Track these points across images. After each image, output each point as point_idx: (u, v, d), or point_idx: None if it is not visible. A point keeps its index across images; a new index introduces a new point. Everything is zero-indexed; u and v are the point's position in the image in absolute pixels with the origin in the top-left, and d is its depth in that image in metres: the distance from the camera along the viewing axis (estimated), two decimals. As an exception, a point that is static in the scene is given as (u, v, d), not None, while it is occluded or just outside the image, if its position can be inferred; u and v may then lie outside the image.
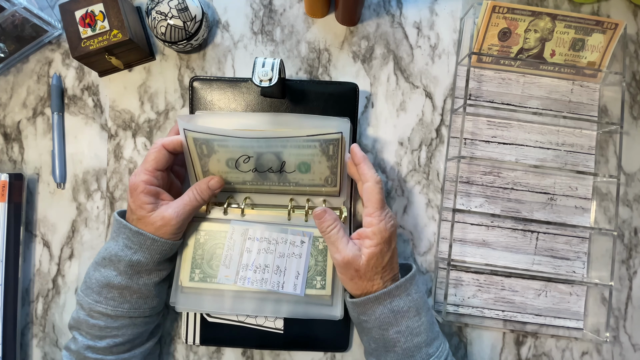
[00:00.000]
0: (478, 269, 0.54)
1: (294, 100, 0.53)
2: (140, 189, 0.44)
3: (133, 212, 0.44)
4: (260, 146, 0.45)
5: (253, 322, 0.51)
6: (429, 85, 0.56)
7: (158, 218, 0.44)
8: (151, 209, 0.44)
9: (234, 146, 0.45)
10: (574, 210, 0.55)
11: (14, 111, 0.56)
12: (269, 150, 0.46)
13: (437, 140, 0.56)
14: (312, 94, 0.53)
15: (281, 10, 0.57)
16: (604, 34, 0.53)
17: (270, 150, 0.46)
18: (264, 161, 0.47)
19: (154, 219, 0.44)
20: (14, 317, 0.52)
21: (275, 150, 0.46)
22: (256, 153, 0.46)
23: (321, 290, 0.48)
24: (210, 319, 0.51)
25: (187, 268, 0.48)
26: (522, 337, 0.54)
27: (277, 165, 0.47)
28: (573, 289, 0.54)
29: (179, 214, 0.44)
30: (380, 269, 0.43)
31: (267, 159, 0.46)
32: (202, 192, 0.47)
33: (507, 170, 0.55)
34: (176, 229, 0.45)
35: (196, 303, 0.48)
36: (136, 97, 0.56)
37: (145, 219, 0.44)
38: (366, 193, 0.44)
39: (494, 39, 0.54)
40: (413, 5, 0.57)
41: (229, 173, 0.48)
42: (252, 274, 0.48)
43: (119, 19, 0.50)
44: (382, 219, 0.43)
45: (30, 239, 0.55)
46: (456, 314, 0.53)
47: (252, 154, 0.46)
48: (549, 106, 0.56)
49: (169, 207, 0.44)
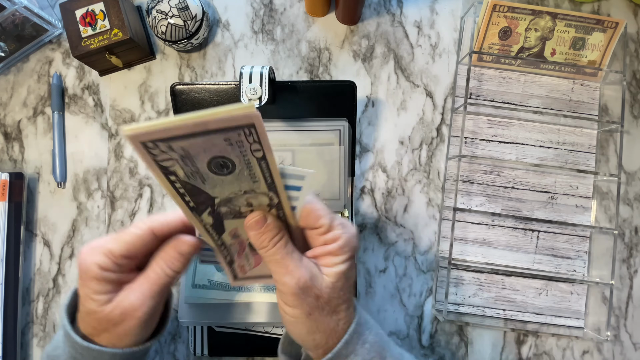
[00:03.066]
0: (479, 268, 0.54)
1: (288, 103, 0.49)
2: (91, 274, 0.30)
3: (80, 302, 0.31)
4: None
5: (261, 330, 0.51)
6: (430, 84, 0.56)
7: (116, 313, 0.30)
8: (105, 301, 0.30)
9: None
10: (574, 209, 0.55)
11: (14, 110, 0.56)
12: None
13: (437, 139, 0.56)
14: (307, 95, 0.49)
15: (281, 9, 0.57)
16: (604, 33, 0.53)
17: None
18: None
19: (111, 315, 0.30)
20: (14, 317, 0.52)
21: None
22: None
23: None
24: (218, 328, 0.51)
25: (189, 280, 0.47)
26: (523, 336, 0.54)
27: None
28: (574, 288, 0.54)
29: (145, 299, 0.31)
30: (348, 294, 0.32)
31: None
32: (171, 263, 0.32)
33: (507, 169, 0.55)
34: (143, 322, 0.31)
35: (203, 315, 0.47)
36: (137, 96, 0.56)
37: (96, 314, 0.30)
38: (305, 211, 0.31)
39: (494, 38, 0.54)
40: (413, 4, 0.57)
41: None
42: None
43: (119, 18, 0.50)
44: (344, 225, 0.32)
45: (31, 239, 0.55)
46: (457, 313, 0.53)
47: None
48: (549, 105, 0.56)
49: (130, 292, 0.31)
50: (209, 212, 0.30)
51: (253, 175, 0.28)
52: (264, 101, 0.44)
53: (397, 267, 0.54)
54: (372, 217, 0.54)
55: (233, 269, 0.36)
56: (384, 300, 0.54)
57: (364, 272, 0.54)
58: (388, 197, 0.55)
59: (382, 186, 0.55)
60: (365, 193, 0.55)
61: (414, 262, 0.54)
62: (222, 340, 0.51)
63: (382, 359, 0.33)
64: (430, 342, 0.53)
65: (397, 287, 0.54)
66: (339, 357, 0.32)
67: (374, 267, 0.54)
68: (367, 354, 0.32)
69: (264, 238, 0.31)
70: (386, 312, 0.53)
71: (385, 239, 0.54)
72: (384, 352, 0.34)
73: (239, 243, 0.34)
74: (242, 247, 0.35)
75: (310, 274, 0.31)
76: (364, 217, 0.54)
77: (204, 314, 0.47)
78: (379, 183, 0.55)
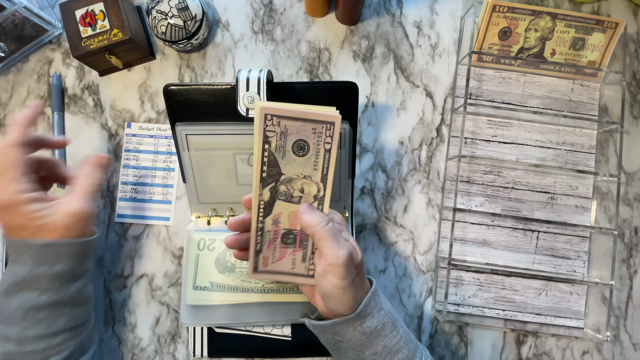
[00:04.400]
0: (478, 268, 0.54)
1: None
2: (21, 201, 0.37)
3: (25, 228, 0.38)
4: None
5: (260, 331, 0.51)
6: (430, 84, 0.56)
7: (65, 216, 0.39)
8: (45, 214, 0.38)
9: (235, 148, 0.45)
10: (574, 209, 0.55)
11: (14, 110, 0.56)
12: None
13: (437, 139, 0.56)
14: (308, 96, 0.48)
15: (281, 9, 0.57)
16: (604, 33, 0.53)
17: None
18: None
19: (59, 221, 0.39)
20: (14, 317, 0.52)
21: None
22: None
23: None
24: (218, 329, 0.51)
25: (190, 282, 0.47)
26: (523, 337, 0.54)
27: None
28: (573, 288, 0.54)
29: (89, 203, 0.41)
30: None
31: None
32: (93, 177, 0.42)
33: (507, 169, 0.55)
34: (90, 219, 0.41)
35: (204, 317, 0.47)
36: (136, 96, 0.56)
37: (49, 225, 0.38)
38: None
39: (494, 38, 0.54)
40: (413, 4, 0.57)
41: (228, 185, 0.47)
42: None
43: (119, 18, 0.50)
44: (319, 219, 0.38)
45: (31, 239, 0.55)
46: (457, 313, 0.53)
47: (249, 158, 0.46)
48: (549, 105, 0.56)
49: (71, 201, 0.40)
50: (270, 188, 0.38)
51: (316, 163, 0.38)
52: None
53: (396, 267, 0.54)
54: (372, 217, 0.54)
55: (257, 260, 0.41)
56: (383, 300, 0.54)
57: (363, 273, 0.54)
58: (388, 197, 0.55)
59: (381, 186, 0.55)
60: (365, 193, 0.55)
61: (414, 263, 0.54)
62: (221, 341, 0.51)
63: (394, 327, 0.39)
64: (430, 342, 0.53)
65: (397, 287, 0.54)
66: (365, 312, 0.38)
67: (373, 267, 0.54)
68: (382, 318, 0.39)
69: (318, 218, 0.37)
70: (386, 312, 0.53)
71: (385, 239, 0.54)
72: (396, 322, 0.40)
73: (275, 232, 0.40)
74: (275, 236, 0.40)
75: (353, 248, 0.38)
76: (364, 217, 0.54)
77: (205, 315, 0.47)
78: (378, 183, 0.55)
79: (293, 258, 0.42)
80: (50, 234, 0.38)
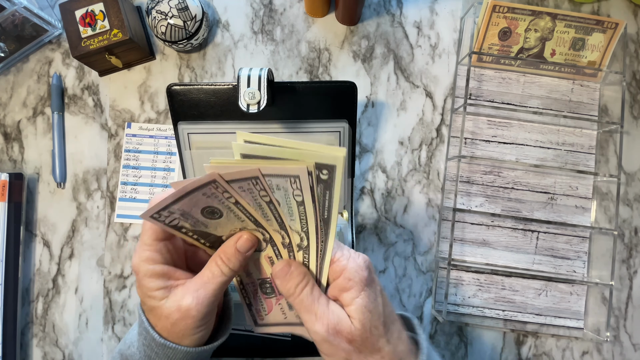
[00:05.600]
0: (478, 269, 0.54)
1: (287, 105, 0.47)
2: (142, 273, 0.31)
3: (143, 302, 0.33)
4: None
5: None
6: (429, 84, 0.56)
7: (173, 309, 0.31)
8: (162, 295, 0.31)
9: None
10: (574, 209, 0.55)
11: (14, 111, 0.56)
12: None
13: (437, 139, 0.56)
14: (307, 96, 0.47)
15: (281, 9, 0.57)
16: (604, 34, 0.53)
17: None
18: None
19: (168, 311, 0.31)
20: (14, 317, 0.52)
21: None
22: None
23: None
24: None
25: None
26: (523, 337, 0.54)
27: None
28: (573, 289, 0.54)
29: (200, 299, 0.31)
30: (382, 327, 0.30)
31: None
32: (229, 260, 0.32)
33: (507, 169, 0.55)
34: (199, 321, 0.31)
35: None
36: (136, 96, 0.56)
37: (157, 310, 0.31)
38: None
39: (494, 39, 0.54)
40: (413, 4, 0.57)
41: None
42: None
43: (119, 19, 0.50)
44: (347, 256, 0.31)
45: (31, 239, 0.55)
46: (456, 314, 0.53)
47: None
48: (549, 106, 0.56)
49: (186, 291, 0.31)
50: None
51: (238, 216, 0.32)
52: (263, 105, 0.43)
53: (396, 267, 0.54)
54: (371, 217, 0.54)
55: (252, 314, 0.38)
56: (383, 300, 0.54)
57: (363, 273, 0.54)
58: (388, 197, 0.55)
59: (381, 187, 0.55)
60: (365, 193, 0.55)
61: (414, 263, 0.54)
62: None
63: None
64: (430, 342, 0.53)
65: (397, 287, 0.54)
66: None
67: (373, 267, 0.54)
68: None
69: (290, 285, 0.31)
70: (386, 312, 0.53)
71: (385, 240, 0.54)
72: None
73: (252, 283, 0.36)
74: (254, 288, 0.36)
75: (338, 319, 0.30)
76: (364, 217, 0.54)
77: None
78: (378, 183, 0.55)
79: (280, 307, 0.38)
80: (158, 320, 0.32)
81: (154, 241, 0.32)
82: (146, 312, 0.33)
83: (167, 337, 0.32)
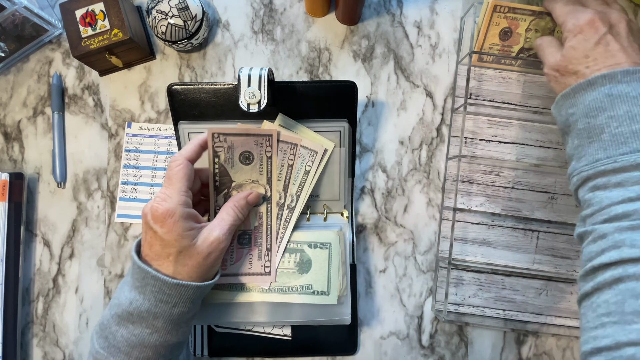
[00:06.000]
0: (479, 268, 0.54)
1: (287, 104, 0.48)
2: (178, 214, 0.37)
3: (170, 245, 0.37)
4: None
5: (261, 330, 0.51)
6: (430, 84, 0.56)
7: (206, 244, 0.38)
8: (194, 235, 0.38)
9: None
10: (574, 209, 0.55)
11: (14, 110, 0.56)
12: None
13: (437, 139, 0.56)
14: (307, 96, 0.48)
15: (281, 9, 0.57)
16: (604, 33, 0.53)
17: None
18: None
19: (201, 247, 0.37)
20: (14, 317, 0.52)
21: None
22: None
23: (324, 297, 0.47)
24: (218, 329, 0.51)
25: None
26: (523, 336, 0.54)
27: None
28: (574, 288, 0.54)
29: (224, 232, 0.39)
30: (583, 59, 0.37)
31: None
32: (241, 208, 0.42)
33: (507, 169, 0.55)
34: (222, 253, 0.39)
35: (204, 316, 0.47)
36: (137, 96, 0.56)
37: (190, 249, 0.37)
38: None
39: (494, 39, 0.54)
40: (413, 4, 0.57)
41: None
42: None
43: (119, 18, 0.50)
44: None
45: (31, 239, 0.55)
46: (457, 313, 0.53)
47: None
48: (549, 105, 0.56)
49: (212, 228, 0.39)
50: (224, 194, 0.45)
51: (261, 169, 0.45)
52: (263, 105, 0.43)
53: (397, 267, 0.54)
54: (372, 217, 0.54)
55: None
56: (384, 300, 0.54)
57: (363, 272, 0.54)
58: (388, 197, 0.55)
59: (382, 186, 0.55)
60: (365, 193, 0.55)
61: (414, 262, 0.54)
62: (222, 341, 0.51)
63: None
64: (430, 342, 0.53)
65: (397, 287, 0.54)
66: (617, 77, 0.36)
67: (373, 267, 0.54)
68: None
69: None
70: (386, 312, 0.53)
71: (385, 239, 0.54)
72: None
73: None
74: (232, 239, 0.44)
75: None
76: (364, 217, 0.54)
77: (205, 314, 0.47)
78: (379, 183, 0.55)
79: (250, 257, 0.46)
80: (189, 259, 0.37)
81: (188, 189, 0.39)
82: (171, 255, 0.37)
83: (184, 277, 0.37)
